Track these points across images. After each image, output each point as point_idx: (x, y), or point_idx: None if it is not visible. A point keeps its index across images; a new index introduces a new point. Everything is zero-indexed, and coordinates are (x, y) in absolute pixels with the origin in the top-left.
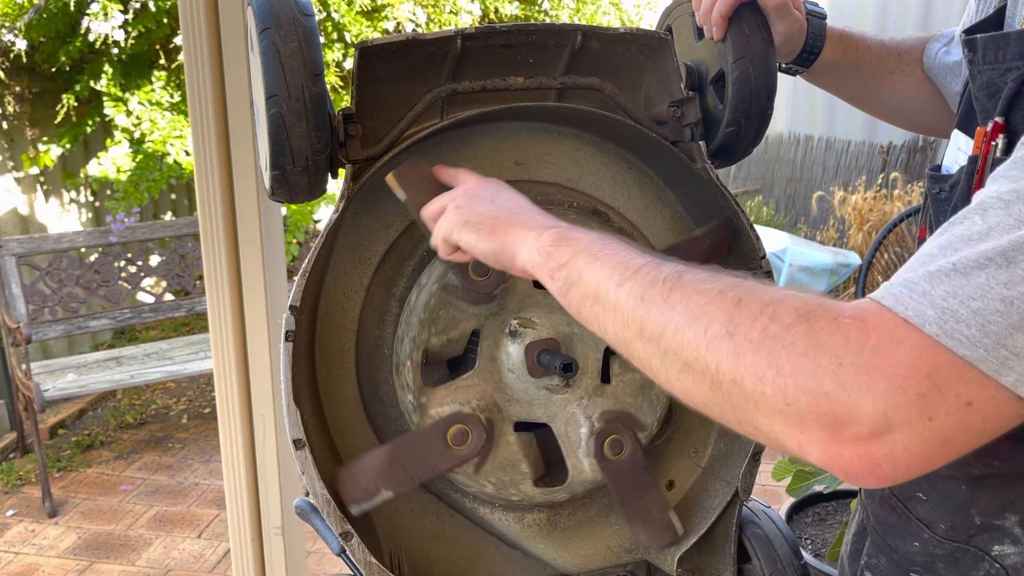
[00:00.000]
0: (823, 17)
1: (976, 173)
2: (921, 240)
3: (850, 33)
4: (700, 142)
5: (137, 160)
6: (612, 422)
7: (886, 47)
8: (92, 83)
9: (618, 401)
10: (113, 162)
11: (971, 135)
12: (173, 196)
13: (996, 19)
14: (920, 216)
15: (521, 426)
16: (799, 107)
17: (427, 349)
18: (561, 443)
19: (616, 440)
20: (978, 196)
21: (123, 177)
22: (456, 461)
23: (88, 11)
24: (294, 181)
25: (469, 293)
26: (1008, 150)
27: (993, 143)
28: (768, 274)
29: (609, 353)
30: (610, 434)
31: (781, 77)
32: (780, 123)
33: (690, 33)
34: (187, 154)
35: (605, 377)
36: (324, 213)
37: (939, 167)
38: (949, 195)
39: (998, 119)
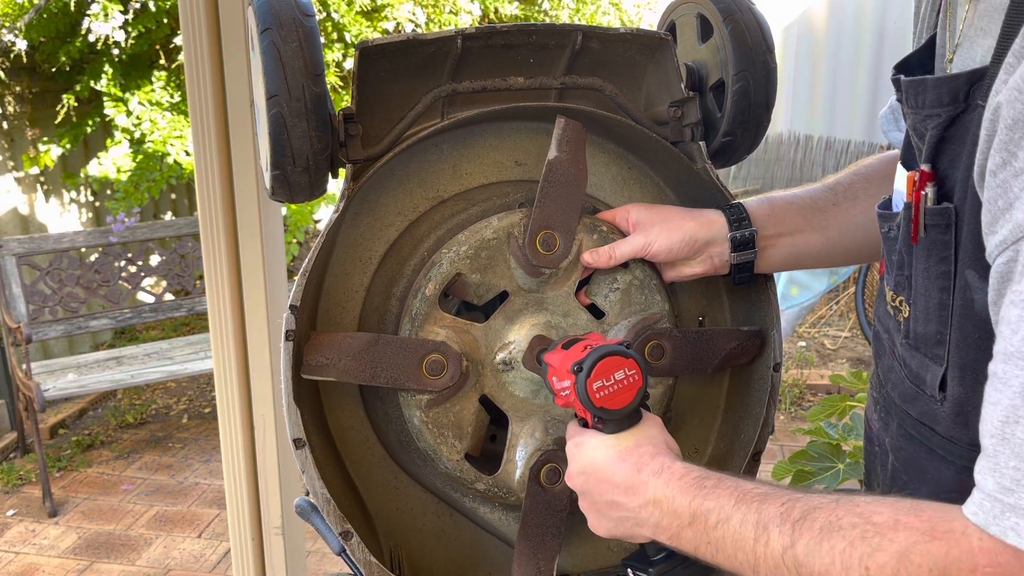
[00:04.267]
0: (747, 227)
1: (911, 222)
2: (883, 276)
3: (775, 209)
4: (700, 142)
5: (137, 160)
6: (561, 452)
7: (813, 189)
8: (92, 83)
9: None
10: (113, 162)
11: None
12: (173, 196)
13: (928, 48)
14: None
15: (486, 405)
16: (799, 107)
17: (457, 276)
18: (510, 440)
19: (555, 470)
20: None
21: (123, 177)
22: (419, 384)
23: (88, 11)
24: (295, 181)
25: (523, 256)
26: (939, 199)
27: (923, 192)
28: (767, 275)
29: None
30: (553, 462)
31: (781, 76)
32: (780, 123)
33: (694, 32)
34: (187, 154)
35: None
36: (324, 213)
37: (888, 203)
38: (896, 235)
39: (924, 167)
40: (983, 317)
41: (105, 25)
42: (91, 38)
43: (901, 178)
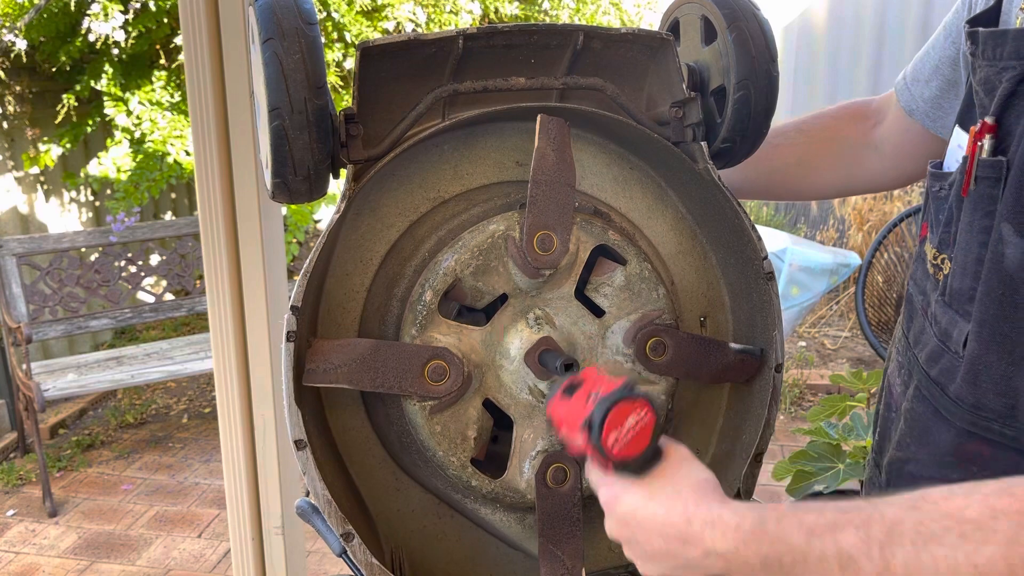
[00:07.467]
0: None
1: (965, 173)
2: (923, 239)
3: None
4: (702, 143)
5: (137, 160)
6: (566, 452)
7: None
8: (92, 83)
9: None
10: (113, 162)
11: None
12: (173, 196)
13: (995, 11)
14: (921, 214)
15: (489, 409)
16: (799, 107)
17: (456, 282)
18: (514, 443)
19: (562, 469)
20: None
21: (123, 177)
22: (421, 391)
23: (88, 11)
24: (295, 188)
25: (522, 257)
26: (995, 152)
27: (980, 143)
28: (769, 275)
29: None
30: (559, 462)
31: (781, 74)
32: (780, 122)
33: (697, 33)
34: (187, 154)
35: None
36: (324, 213)
37: (941, 164)
38: (948, 194)
39: (988, 119)
40: (1009, 274)
41: (105, 25)
42: (91, 38)
43: (960, 138)
